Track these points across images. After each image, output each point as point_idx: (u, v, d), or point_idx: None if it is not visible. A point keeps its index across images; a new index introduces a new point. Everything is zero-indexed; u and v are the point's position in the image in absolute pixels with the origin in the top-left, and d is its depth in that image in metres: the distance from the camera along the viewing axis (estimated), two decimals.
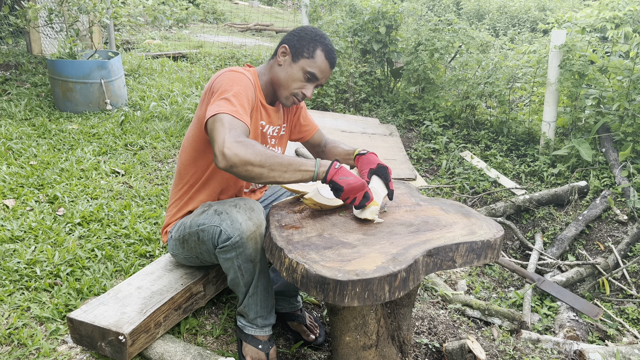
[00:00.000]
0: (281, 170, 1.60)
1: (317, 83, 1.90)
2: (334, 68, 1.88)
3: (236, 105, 1.67)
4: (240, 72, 1.80)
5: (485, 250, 1.57)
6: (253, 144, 1.58)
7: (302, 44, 1.86)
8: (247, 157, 1.55)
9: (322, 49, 1.86)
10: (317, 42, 1.86)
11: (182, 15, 6.31)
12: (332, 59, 1.89)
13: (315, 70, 1.86)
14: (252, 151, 1.56)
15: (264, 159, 1.57)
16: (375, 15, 5.74)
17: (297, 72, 1.86)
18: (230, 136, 1.56)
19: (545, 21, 9.40)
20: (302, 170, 1.63)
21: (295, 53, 1.87)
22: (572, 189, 3.79)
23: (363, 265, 1.37)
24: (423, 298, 2.59)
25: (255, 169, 1.57)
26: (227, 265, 1.73)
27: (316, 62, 1.85)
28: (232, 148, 1.54)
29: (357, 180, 1.63)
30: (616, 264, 3.16)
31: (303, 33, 1.88)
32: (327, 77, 1.91)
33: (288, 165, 1.60)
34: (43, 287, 2.22)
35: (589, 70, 4.08)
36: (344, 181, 1.61)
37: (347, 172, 1.66)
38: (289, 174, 1.61)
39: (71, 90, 4.73)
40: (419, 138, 5.05)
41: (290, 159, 1.62)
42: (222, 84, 1.74)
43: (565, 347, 2.25)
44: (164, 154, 3.94)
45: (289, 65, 1.88)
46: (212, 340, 2.01)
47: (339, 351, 1.68)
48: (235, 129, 1.60)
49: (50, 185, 3.21)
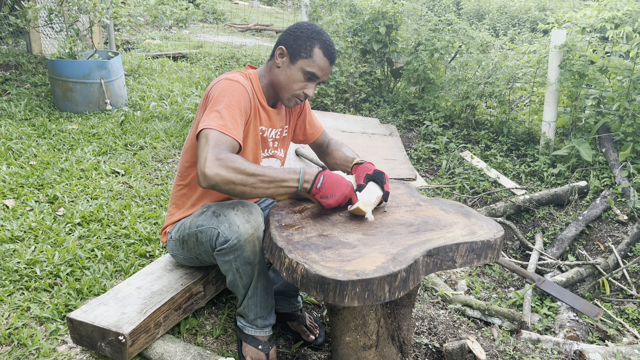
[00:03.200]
0: (264, 188, 1.61)
1: (318, 81, 1.87)
2: (335, 63, 1.84)
3: (226, 118, 1.66)
4: (235, 81, 1.77)
5: (485, 251, 1.57)
6: (234, 160, 1.56)
7: (299, 44, 1.82)
8: (227, 177, 1.54)
9: (320, 47, 1.81)
10: (314, 39, 1.81)
11: (182, 15, 6.31)
12: (331, 55, 1.84)
13: (314, 69, 1.82)
14: (233, 169, 1.55)
15: (245, 178, 1.56)
16: (375, 15, 5.74)
17: (297, 73, 1.83)
18: (212, 154, 1.56)
19: (545, 21, 9.40)
20: (285, 186, 1.64)
21: (292, 54, 1.83)
22: (572, 189, 3.78)
23: (363, 266, 1.37)
24: (423, 298, 2.59)
25: (238, 187, 1.57)
26: (225, 268, 1.73)
27: (315, 61, 1.81)
28: (213, 167, 1.54)
29: (339, 196, 1.66)
30: (616, 264, 3.16)
31: (299, 32, 1.83)
32: (328, 74, 1.88)
33: (270, 182, 1.61)
34: (43, 287, 2.22)
35: (589, 70, 4.08)
36: (325, 202, 1.67)
37: (330, 187, 1.66)
38: (271, 190, 1.62)
39: (71, 90, 4.73)
40: (419, 138, 5.05)
41: (273, 174, 1.61)
42: (216, 94, 1.74)
43: (565, 347, 2.25)
44: (164, 154, 3.94)
45: (288, 66, 1.84)
46: (212, 340, 2.01)
47: (339, 351, 1.68)
48: (219, 146, 1.59)
49: (50, 185, 3.21)
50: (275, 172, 1.63)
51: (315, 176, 1.66)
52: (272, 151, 2.00)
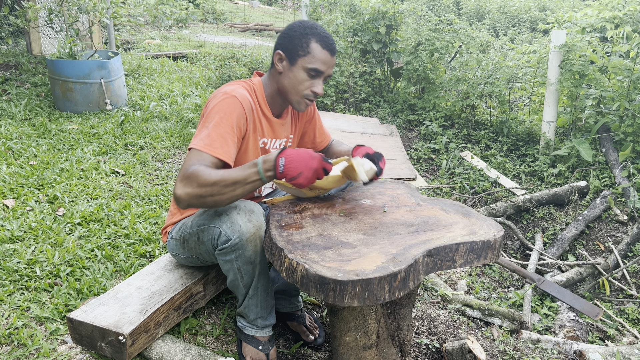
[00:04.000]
0: (230, 191, 1.59)
1: (324, 76, 1.82)
2: (335, 53, 1.81)
3: (213, 136, 1.67)
4: (232, 96, 1.74)
5: (485, 250, 1.57)
6: (197, 175, 1.57)
7: (295, 43, 1.78)
8: (194, 192, 1.57)
9: (316, 40, 1.77)
10: (308, 35, 1.77)
11: (182, 15, 6.31)
12: (329, 46, 1.79)
13: (316, 64, 1.78)
14: (197, 184, 1.57)
15: (209, 188, 1.56)
16: (375, 15, 5.74)
17: (299, 73, 1.79)
18: (182, 175, 1.59)
19: (545, 21, 9.40)
20: (251, 182, 1.60)
21: (290, 55, 1.80)
22: (572, 189, 3.78)
23: (363, 265, 1.37)
24: (423, 298, 2.59)
25: (208, 199, 1.58)
26: (226, 267, 1.73)
27: (315, 56, 1.77)
28: (180, 188, 1.58)
29: (307, 172, 1.59)
30: (616, 264, 3.16)
31: (292, 32, 1.80)
32: (332, 66, 1.83)
33: (234, 184, 1.58)
34: (43, 287, 2.22)
35: (589, 70, 4.08)
36: (295, 183, 1.61)
37: (293, 166, 1.58)
38: (239, 190, 1.60)
39: (71, 90, 4.73)
40: (419, 138, 5.05)
41: (233, 175, 1.59)
42: (210, 109, 1.73)
43: (565, 347, 2.25)
44: (164, 154, 3.94)
45: (289, 69, 1.80)
46: (212, 340, 2.01)
47: (339, 351, 1.68)
48: (193, 164, 1.61)
49: (50, 185, 3.21)
50: (235, 171, 1.60)
51: (274, 160, 1.59)
52: None
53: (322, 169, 1.62)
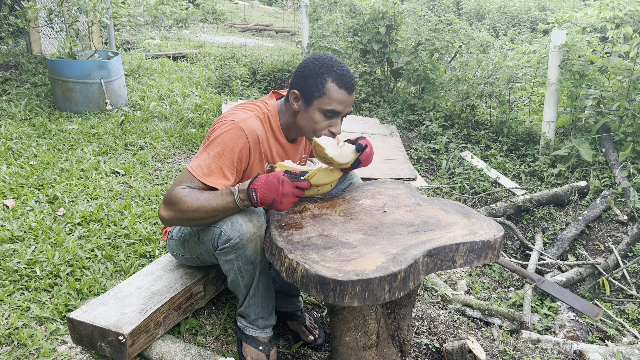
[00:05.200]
0: (212, 216, 1.65)
1: (342, 115, 1.77)
2: (354, 90, 1.74)
3: (211, 166, 1.69)
4: (239, 128, 1.71)
5: (485, 251, 1.57)
6: (179, 200, 1.62)
7: (310, 84, 1.73)
8: (176, 216, 1.65)
9: (333, 79, 1.72)
10: (324, 74, 1.72)
11: (182, 15, 6.31)
12: (347, 84, 1.73)
13: (333, 105, 1.72)
14: (178, 210, 1.63)
15: (190, 214, 1.63)
16: (375, 16, 5.74)
17: (316, 114, 1.74)
18: (167, 197, 1.65)
19: (545, 21, 9.40)
20: (230, 208, 1.64)
21: (306, 96, 1.74)
22: (572, 189, 3.78)
23: (363, 266, 1.37)
24: (423, 298, 2.59)
25: (190, 222, 1.68)
26: (227, 267, 1.73)
27: (331, 97, 1.72)
28: (163, 209, 1.66)
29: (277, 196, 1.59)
30: (616, 264, 3.16)
31: (307, 71, 1.74)
32: (351, 104, 1.77)
33: (215, 211, 1.63)
34: (43, 287, 2.22)
35: (589, 70, 4.08)
36: (274, 208, 1.63)
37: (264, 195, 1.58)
38: (221, 215, 1.65)
39: (71, 90, 4.73)
40: (419, 138, 5.05)
41: (212, 205, 1.62)
42: (215, 135, 1.72)
43: (565, 347, 2.25)
44: (164, 154, 3.94)
45: (305, 110, 1.76)
46: (212, 340, 2.01)
47: (339, 351, 1.68)
48: (183, 186, 1.66)
49: (50, 185, 3.21)
50: (214, 199, 1.62)
51: (247, 192, 1.60)
52: None
53: (295, 187, 1.62)
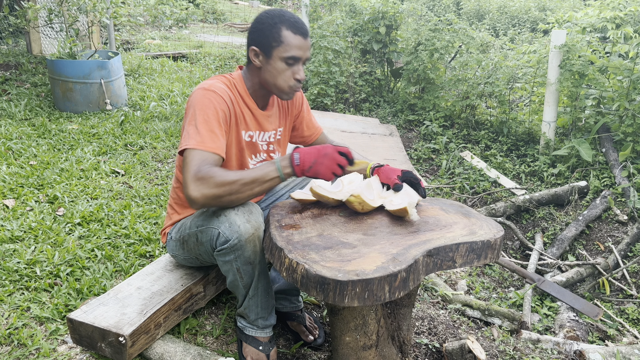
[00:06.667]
0: (248, 189, 1.62)
1: (302, 61, 1.82)
2: (308, 36, 1.79)
3: (203, 133, 1.68)
4: (211, 90, 1.75)
5: (485, 251, 1.57)
6: (212, 175, 1.59)
7: (266, 36, 1.77)
8: (211, 193, 1.59)
9: (287, 28, 1.76)
10: (277, 25, 1.76)
11: (182, 15, 6.31)
12: (300, 30, 1.78)
13: (292, 52, 1.76)
14: (214, 185, 1.59)
15: (227, 188, 1.59)
16: (375, 16, 5.74)
17: (278, 64, 1.78)
18: (193, 177, 1.59)
19: (545, 21, 9.39)
20: (269, 179, 1.63)
21: (265, 49, 1.78)
22: (572, 189, 3.78)
23: (363, 266, 1.37)
24: (423, 298, 2.59)
25: (225, 199, 1.61)
26: (226, 268, 1.73)
27: (289, 44, 1.76)
28: (195, 189, 1.58)
29: (322, 159, 1.62)
30: (616, 264, 3.16)
31: (261, 25, 1.79)
32: (308, 49, 1.82)
33: (253, 183, 1.62)
34: (43, 287, 2.22)
35: (589, 71, 4.08)
36: (311, 173, 1.64)
37: (307, 158, 1.62)
38: (257, 189, 1.63)
39: (71, 90, 4.73)
40: (419, 138, 5.05)
41: (252, 175, 1.62)
42: (193, 106, 1.74)
43: (565, 347, 2.25)
44: (164, 154, 3.94)
45: (267, 63, 1.80)
46: (212, 340, 2.01)
47: (339, 351, 1.68)
48: (199, 165, 1.62)
49: (50, 185, 3.21)
50: (254, 170, 1.64)
51: (289, 156, 1.64)
52: (264, 155, 1.97)
53: (338, 152, 1.64)
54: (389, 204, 1.71)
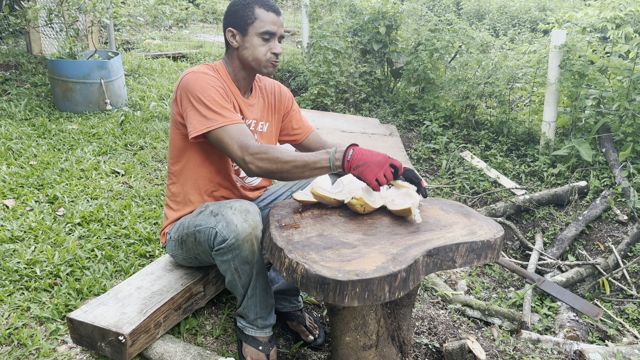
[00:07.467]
0: (299, 172, 1.70)
1: (277, 36, 1.89)
2: (280, 13, 1.91)
3: (220, 112, 1.75)
4: (202, 72, 1.82)
5: (485, 251, 1.57)
6: (267, 151, 1.69)
7: (240, 15, 1.86)
8: (267, 168, 1.70)
9: (259, 6, 1.85)
10: (250, 4, 1.85)
11: (182, 15, 6.31)
12: (273, 8, 1.88)
13: (266, 27, 1.85)
14: (269, 160, 1.69)
15: (280, 166, 1.69)
16: (375, 16, 5.74)
17: (255, 40, 1.86)
18: (244, 151, 1.70)
19: (545, 21, 9.39)
20: (319, 167, 1.69)
21: (240, 28, 1.87)
22: (572, 189, 3.78)
23: (363, 266, 1.37)
24: (423, 298, 2.59)
25: (276, 175, 1.72)
26: (224, 268, 1.73)
27: (263, 20, 1.85)
28: (252, 163, 1.70)
29: (370, 162, 1.65)
30: (616, 264, 3.16)
31: (234, 7, 1.88)
32: (281, 25, 1.91)
33: (304, 167, 1.69)
34: (43, 287, 2.22)
35: (589, 71, 4.08)
36: (357, 172, 1.66)
37: (359, 157, 1.65)
38: (307, 173, 1.71)
39: (71, 90, 4.73)
40: (419, 138, 5.05)
41: (304, 159, 1.68)
42: (190, 90, 1.78)
43: (565, 347, 2.25)
44: (164, 154, 3.94)
45: (244, 41, 1.87)
46: (212, 340, 2.01)
47: (339, 351, 1.68)
48: (241, 139, 1.71)
49: (50, 185, 3.21)
50: (308, 156, 1.70)
51: (344, 150, 1.69)
52: None
53: (390, 164, 1.68)
54: (391, 204, 1.72)
